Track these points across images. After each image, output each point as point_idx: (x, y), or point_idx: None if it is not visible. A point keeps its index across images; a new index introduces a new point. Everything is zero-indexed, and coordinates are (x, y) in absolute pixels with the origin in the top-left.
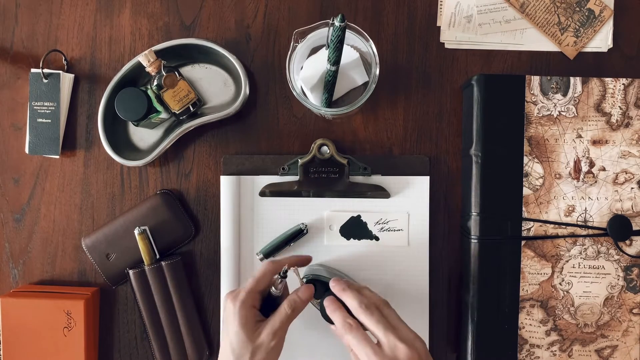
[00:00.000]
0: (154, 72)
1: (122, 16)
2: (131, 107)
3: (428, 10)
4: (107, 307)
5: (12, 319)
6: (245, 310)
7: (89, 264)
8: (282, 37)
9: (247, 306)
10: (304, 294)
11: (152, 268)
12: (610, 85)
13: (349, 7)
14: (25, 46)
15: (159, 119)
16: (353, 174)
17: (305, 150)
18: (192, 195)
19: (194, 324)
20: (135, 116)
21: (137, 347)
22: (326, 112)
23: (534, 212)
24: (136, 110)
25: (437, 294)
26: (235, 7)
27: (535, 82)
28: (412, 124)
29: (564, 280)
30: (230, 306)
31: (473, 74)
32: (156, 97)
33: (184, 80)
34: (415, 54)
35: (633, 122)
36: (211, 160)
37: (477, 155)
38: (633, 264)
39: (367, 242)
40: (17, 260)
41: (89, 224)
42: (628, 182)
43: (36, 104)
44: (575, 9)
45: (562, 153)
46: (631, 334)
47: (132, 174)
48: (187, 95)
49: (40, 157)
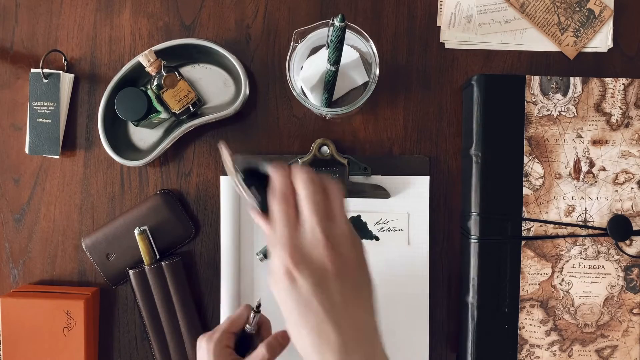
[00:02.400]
0: (154, 72)
1: (122, 16)
2: (131, 107)
3: (428, 10)
4: (107, 307)
5: (12, 319)
6: (219, 349)
7: (89, 264)
8: (282, 37)
9: (222, 346)
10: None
11: (152, 268)
12: (610, 85)
13: (349, 7)
14: (25, 46)
15: (159, 119)
16: (353, 174)
17: (305, 150)
18: (192, 195)
19: (194, 324)
20: (136, 116)
21: (137, 347)
22: (326, 112)
23: (534, 212)
24: (136, 110)
25: (437, 293)
26: (235, 7)
27: (535, 82)
28: (412, 124)
29: (564, 280)
30: (204, 345)
31: (473, 74)
32: (156, 97)
33: (183, 81)
34: (415, 54)
35: (633, 122)
36: (211, 160)
37: (477, 155)
38: (633, 264)
39: (367, 242)
40: (17, 260)
41: (89, 224)
42: (628, 182)
43: (36, 104)
44: (575, 9)
45: (562, 153)
46: (631, 334)
47: (132, 174)
48: (187, 95)
49: (40, 157)
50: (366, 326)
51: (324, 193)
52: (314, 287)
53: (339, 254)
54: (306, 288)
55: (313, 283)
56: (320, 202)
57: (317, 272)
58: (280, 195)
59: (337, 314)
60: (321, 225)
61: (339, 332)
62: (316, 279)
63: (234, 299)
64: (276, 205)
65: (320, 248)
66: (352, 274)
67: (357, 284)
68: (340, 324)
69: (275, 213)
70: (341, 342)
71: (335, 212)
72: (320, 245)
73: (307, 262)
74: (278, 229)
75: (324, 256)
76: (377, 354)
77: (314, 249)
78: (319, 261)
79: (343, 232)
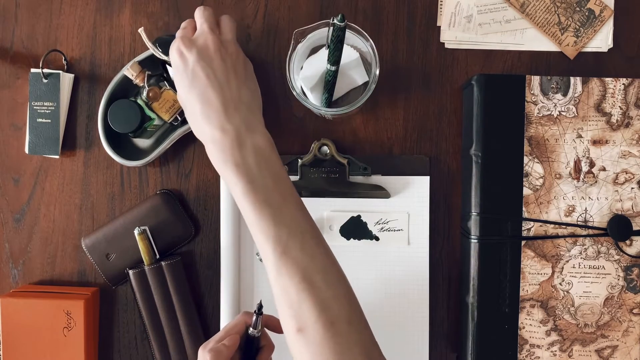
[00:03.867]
0: (140, 83)
1: (122, 16)
2: (125, 119)
3: (428, 10)
4: (107, 307)
5: (12, 319)
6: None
7: (89, 264)
8: (282, 37)
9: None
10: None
11: (152, 268)
12: (611, 85)
13: (349, 7)
14: (25, 46)
15: (154, 127)
16: (353, 174)
17: (305, 150)
18: (192, 195)
19: (194, 324)
20: (131, 127)
21: (137, 347)
22: (326, 112)
23: (534, 212)
24: (130, 121)
25: (437, 293)
26: (235, 7)
27: (535, 82)
28: (412, 124)
29: (564, 280)
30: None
31: (473, 74)
32: (146, 105)
33: (168, 90)
34: (415, 54)
35: (633, 122)
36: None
37: (477, 155)
38: (633, 264)
39: (367, 242)
40: (17, 260)
41: (88, 224)
42: (628, 182)
43: (36, 104)
44: (575, 8)
45: (562, 153)
46: (631, 334)
47: (132, 174)
48: (173, 104)
49: (40, 157)
50: (247, 100)
51: (216, 18)
52: (198, 59)
53: (221, 42)
54: (192, 60)
55: (197, 56)
56: (210, 16)
57: (201, 49)
58: (181, 26)
59: (219, 83)
60: (210, 27)
61: (220, 96)
62: (200, 54)
63: (234, 299)
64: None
65: (206, 34)
66: (233, 59)
67: (238, 70)
68: (221, 91)
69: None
70: (222, 105)
71: (224, 29)
72: (205, 33)
73: (194, 43)
74: (175, 38)
75: (207, 39)
76: (256, 124)
77: (200, 36)
78: (203, 42)
79: (227, 38)
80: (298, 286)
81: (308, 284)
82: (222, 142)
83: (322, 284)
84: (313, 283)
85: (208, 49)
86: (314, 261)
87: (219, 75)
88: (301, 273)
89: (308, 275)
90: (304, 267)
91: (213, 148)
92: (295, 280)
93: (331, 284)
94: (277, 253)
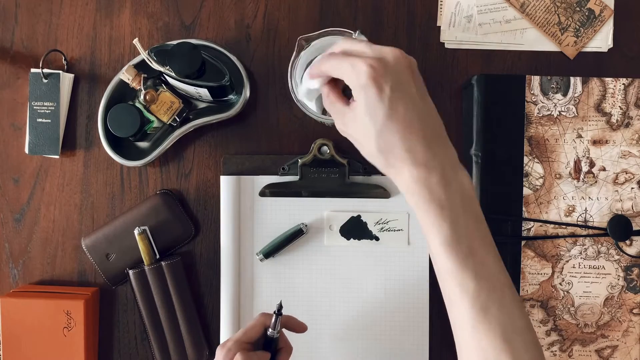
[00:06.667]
0: (137, 87)
1: (122, 16)
2: (125, 122)
3: (428, 10)
4: (107, 307)
5: (12, 319)
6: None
7: (89, 264)
8: (282, 37)
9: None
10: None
11: (152, 268)
12: (611, 85)
13: (349, 7)
14: (25, 46)
15: (154, 129)
16: (353, 174)
17: (305, 150)
18: (192, 195)
19: (194, 324)
20: (131, 131)
21: (137, 347)
22: (326, 120)
23: (534, 212)
24: (130, 125)
25: (437, 294)
26: (235, 7)
27: (535, 82)
28: None
29: (564, 280)
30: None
31: (473, 74)
32: (145, 108)
33: (165, 92)
34: (415, 54)
35: (633, 122)
36: (211, 160)
37: (477, 155)
38: (633, 264)
39: (367, 242)
40: (17, 260)
41: (88, 224)
42: (628, 182)
43: (36, 104)
44: (575, 8)
45: (562, 153)
46: (631, 334)
47: (132, 174)
48: (171, 106)
49: (40, 157)
50: (442, 130)
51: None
52: (396, 85)
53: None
54: (390, 86)
55: (395, 84)
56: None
57: (397, 77)
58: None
59: (419, 111)
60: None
61: (423, 126)
62: (396, 81)
63: (234, 299)
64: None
65: (399, 55)
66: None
67: (424, 93)
68: (424, 120)
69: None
70: (426, 136)
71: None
72: (397, 53)
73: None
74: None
75: (401, 61)
76: (457, 159)
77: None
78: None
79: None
80: (497, 346)
81: (508, 345)
82: (427, 180)
83: (521, 346)
84: (513, 344)
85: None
86: (513, 321)
87: (418, 104)
88: (500, 333)
89: (508, 336)
90: (504, 326)
91: (415, 187)
92: (495, 341)
93: (529, 347)
94: (476, 309)
